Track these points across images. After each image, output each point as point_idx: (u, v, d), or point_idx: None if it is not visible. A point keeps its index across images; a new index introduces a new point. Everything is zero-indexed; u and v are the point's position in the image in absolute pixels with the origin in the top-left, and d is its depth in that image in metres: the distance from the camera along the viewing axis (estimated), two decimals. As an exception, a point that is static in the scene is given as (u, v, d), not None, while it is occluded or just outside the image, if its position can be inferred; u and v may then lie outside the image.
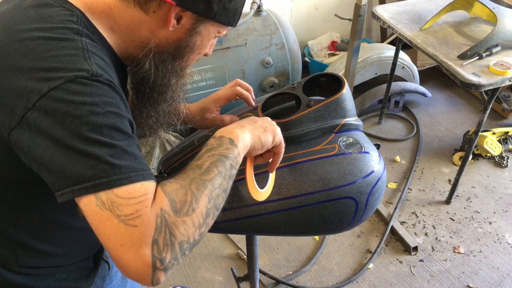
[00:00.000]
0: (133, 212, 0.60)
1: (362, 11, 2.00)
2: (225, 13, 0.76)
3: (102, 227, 0.60)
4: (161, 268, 0.61)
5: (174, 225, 0.62)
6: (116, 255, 0.60)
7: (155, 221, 0.61)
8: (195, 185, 0.66)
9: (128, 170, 0.62)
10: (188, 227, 0.63)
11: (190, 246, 0.64)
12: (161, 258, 0.60)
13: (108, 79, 0.65)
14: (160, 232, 0.61)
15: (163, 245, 0.61)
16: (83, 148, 0.60)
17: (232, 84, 1.04)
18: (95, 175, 0.60)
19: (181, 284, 1.88)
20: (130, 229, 0.59)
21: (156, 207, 0.62)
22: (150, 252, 0.60)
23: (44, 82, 0.61)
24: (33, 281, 0.83)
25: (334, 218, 0.92)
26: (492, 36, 1.82)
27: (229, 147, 0.73)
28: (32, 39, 0.65)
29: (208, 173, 0.68)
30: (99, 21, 0.73)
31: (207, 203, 0.66)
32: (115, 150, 0.62)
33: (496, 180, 2.36)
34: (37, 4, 0.70)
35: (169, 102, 0.86)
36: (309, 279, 1.90)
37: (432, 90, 2.94)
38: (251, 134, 0.77)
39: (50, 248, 0.83)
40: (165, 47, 0.78)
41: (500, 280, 1.87)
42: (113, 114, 0.63)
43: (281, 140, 0.83)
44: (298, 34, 2.61)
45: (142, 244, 0.59)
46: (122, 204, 0.60)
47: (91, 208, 0.60)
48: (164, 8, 0.72)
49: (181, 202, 0.63)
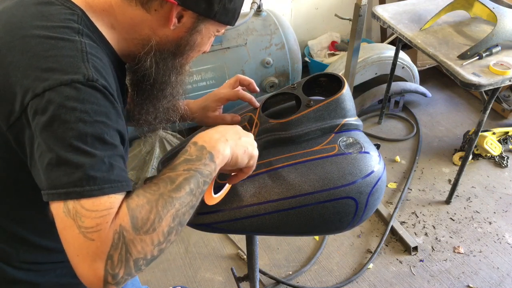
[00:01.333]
0: (93, 225, 0.61)
1: (362, 11, 2.00)
2: (225, 13, 0.77)
3: (64, 233, 0.62)
4: (113, 283, 0.62)
5: (131, 242, 0.62)
6: (72, 262, 0.62)
7: (112, 237, 0.62)
8: (162, 202, 0.65)
9: (102, 182, 0.62)
10: (146, 245, 0.64)
11: (147, 262, 0.65)
12: (113, 274, 0.62)
13: (103, 84, 0.66)
14: (116, 248, 0.62)
15: (117, 261, 0.62)
16: (64, 155, 0.61)
17: (233, 81, 1.04)
18: (69, 182, 0.61)
19: (181, 284, 1.88)
20: (87, 242, 0.61)
21: (116, 223, 0.63)
22: (103, 266, 0.61)
23: (40, 82, 0.62)
24: (34, 277, 0.84)
25: (334, 218, 0.92)
26: (492, 36, 1.82)
27: (207, 163, 0.71)
28: (33, 37, 0.65)
29: (179, 191, 0.67)
30: (100, 19, 0.74)
31: (171, 222, 0.66)
32: (95, 160, 0.62)
33: (496, 180, 2.35)
34: (39, 2, 0.70)
35: (168, 98, 0.87)
36: (309, 279, 1.90)
37: (432, 90, 2.94)
38: (231, 150, 0.76)
39: (51, 244, 0.83)
40: (165, 45, 0.78)
41: (500, 280, 1.87)
42: (100, 123, 0.64)
43: (254, 163, 0.82)
44: (298, 34, 2.61)
45: (96, 258, 0.61)
46: (85, 216, 0.61)
47: (58, 213, 0.62)
48: (165, 7, 0.73)
49: (142, 220, 0.64)
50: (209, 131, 0.76)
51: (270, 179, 0.92)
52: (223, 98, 1.03)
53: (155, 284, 1.88)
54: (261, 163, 0.92)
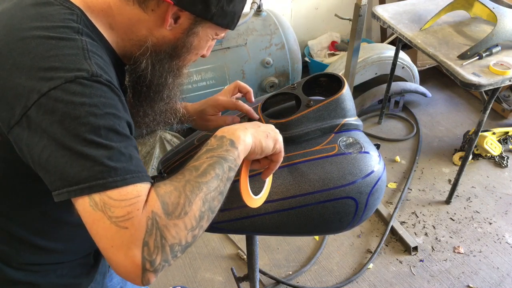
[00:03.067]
0: (124, 214, 0.61)
1: (362, 11, 2.00)
2: (223, 16, 0.76)
3: (94, 227, 0.61)
4: (151, 270, 0.62)
5: (165, 227, 0.62)
6: (107, 254, 0.61)
7: (146, 224, 0.61)
8: (190, 187, 0.66)
9: (123, 172, 0.62)
10: (180, 230, 0.63)
11: (182, 249, 0.65)
12: (151, 260, 0.61)
13: (108, 79, 0.66)
14: (151, 234, 0.61)
15: (153, 247, 0.61)
16: (81, 149, 0.61)
17: (232, 87, 1.03)
18: (91, 176, 0.60)
19: (181, 284, 1.88)
20: (121, 231, 0.60)
21: (148, 210, 0.62)
22: (140, 253, 0.60)
23: (44, 82, 0.62)
24: (35, 278, 0.84)
25: (334, 218, 0.92)
26: (492, 36, 1.82)
27: (229, 149, 0.72)
28: (33, 38, 0.65)
29: (205, 176, 0.68)
30: (99, 19, 0.74)
31: (201, 206, 0.66)
32: (112, 152, 0.62)
33: (496, 180, 2.35)
34: (37, 3, 0.70)
35: (165, 101, 0.86)
36: (309, 279, 1.90)
37: (432, 90, 2.94)
38: (252, 137, 0.77)
39: (51, 245, 0.83)
40: (162, 46, 0.78)
41: (500, 280, 1.87)
42: (111, 115, 0.64)
43: (282, 148, 0.82)
44: (298, 34, 2.61)
45: (132, 246, 0.60)
46: (114, 206, 0.61)
47: (85, 208, 0.61)
48: (162, 7, 0.73)
49: (173, 204, 0.64)
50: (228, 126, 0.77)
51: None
52: (221, 105, 1.02)
53: (155, 284, 1.88)
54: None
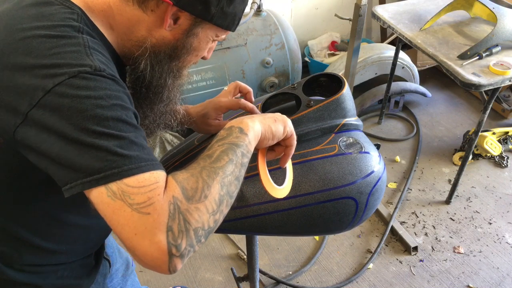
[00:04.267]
0: (145, 200, 0.60)
1: (362, 11, 2.00)
2: (223, 17, 0.76)
3: (115, 217, 0.60)
4: (177, 255, 0.60)
5: (187, 211, 0.62)
6: (131, 244, 0.60)
7: (168, 208, 0.61)
8: (206, 172, 0.66)
9: (137, 160, 0.62)
10: (202, 214, 0.63)
11: (205, 233, 0.64)
12: (176, 245, 0.60)
13: (111, 73, 0.66)
14: (174, 218, 0.60)
15: (178, 232, 0.60)
16: (91, 141, 0.60)
17: (232, 88, 1.03)
18: (105, 166, 0.60)
19: (181, 284, 1.88)
20: (144, 217, 0.59)
21: (168, 195, 0.62)
22: (165, 238, 0.59)
23: (48, 79, 0.62)
24: (36, 279, 0.83)
25: (334, 218, 0.92)
26: (492, 36, 1.82)
27: (239, 136, 0.72)
28: (34, 37, 0.65)
29: (219, 161, 0.68)
30: (99, 19, 0.74)
31: (220, 190, 0.66)
32: (123, 141, 0.62)
33: (496, 180, 2.36)
34: (38, 3, 0.70)
35: (165, 102, 0.86)
36: (309, 279, 1.90)
37: (432, 90, 2.94)
38: (261, 123, 0.77)
39: (53, 246, 0.83)
40: (161, 47, 0.78)
41: (500, 280, 1.87)
42: (118, 106, 0.64)
43: (293, 131, 0.82)
44: (298, 34, 2.61)
45: (156, 232, 0.59)
46: (134, 193, 0.60)
47: (103, 199, 0.60)
48: (161, 7, 0.73)
49: (192, 189, 0.63)
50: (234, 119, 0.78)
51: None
52: (223, 106, 1.02)
53: (155, 284, 1.88)
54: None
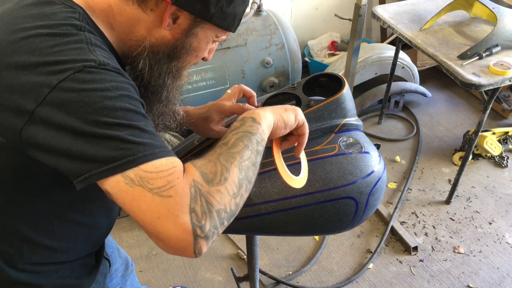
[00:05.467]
0: (165, 184, 0.60)
1: (362, 11, 2.00)
2: (223, 17, 0.76)
3: (135, 204, 0.60)
4: (202, 236, 0.60)
5: (209, 194, 0.62)
6: (154, 228, 0.59)
7: (189, 191, 0.60)
8: (224, 157, 0.66)
9: (151, 147, 0.62)
10: (223, 196, 0.63)
11: (228, 216, 0.64)
12: (201, 226, 0.60)
13: (115, 66, 0.66)
14: (196, 201, 0.60)
15: (201, 213, 0.60)
16: (103, 133, 0.60)
17: (237, 91, 1.02)
18: (119, 155, 0.60)
19: (181, 284, 1.88)
20: (165, 200, 0.59)
21: (188, 178, 0.62)
22: (189, 220, 0.59)
23: (53, 75, 0.62)
24: (37, 279, 0.83)
25: (334, 218, 0.92)
26: (492, 36, 1.82)
27: (252, 125, 0.73)
28: (36, 36, 0.65)
29: (235, 147, 0.69)
30: (100, 19, 0.74)
31: (238, 173, 0.66)
32: (135, 130, 0.62)
33: (496, 180, 2.36)
34: (39, 2, 0.70)
35: (164, 103, 0.85)
36: (309, 279, 1.90)
37: (432, 90, 2.94)
38: (272, 113, 0.78)
39: (54, 244, 0.83)
40: (160, 46, 0.78)
41: (500, 280, 1.87)
42: (125, 97, 0.64)
43: (304, 119, 0.82)
44: (298, 34, 2.60)
45: (179, 213, 0.59)
46: (152, 178, 0.60)
47: (121, 188, 0.60)
48: (161, 7, 0.73)
49: (212, 173, 0.64)
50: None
51: (270, 179, 0.92)
52: (227, 111, 1.01)
53: (155, 284, 1.88)
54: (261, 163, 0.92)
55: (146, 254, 2.00)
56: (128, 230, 2.10)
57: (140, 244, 2.04)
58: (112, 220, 0.95)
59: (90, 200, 0.84)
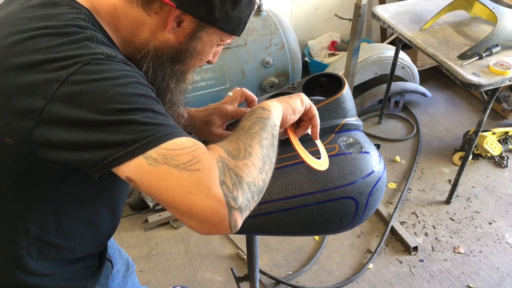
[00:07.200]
0: (191, 159, 0.59)
1: (362, 11, 2.00)
2: (228, 21, 0.76)
3: (162, 183, 0.58)
4: (236, 208, 0.59)
5: (236, 167, 0.61)
6: (186, 204, 0.58)
7: (217, 164, 0.60)
8: (244, 137, 0.68)
9: (170, 127, 0.62)
10: (251, 169, 0.63)
11: (257, 191, 0.64)
12: (234, 197, 0.59)
13: (123, 58, 0.67)
14: (225, 174, 0.60)
15: (232, 185, 0.59)
16: (119, 119, 0.60)
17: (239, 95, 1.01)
18: (138, 137, 0.59)
19: (181, 284, 1.88)
20: (194, 174, 0.58)
21: (214, 154, 0.62)
22: (221, 191, 0.58)
23: (62, 70, 0.62)
24: (42, 281, 0.83)
25: (334, 218, 0.92)
26: (492, 36, 1.82)
27: (263, 112, 0.75)
28: (43, 36, 0.66)
29: (252, 129, 0.70)
30: (105, 20, 0.74)
31: (261, 150, 0.67)
32: (150, 113, 0.62)
33: (496, 180, 2.36)
34: (45, 3, 0.71)
35: (167, 105, 0.85)
36: (309, 279, 1.90)
37: (432, 90, 2.94)
38: (279, 102, 0.80)
39: (61, 242, 0.83)
40: (164, 50, 0.78)
41: (500, 280, 1.87)
42: (136, 83, 0.64)
43: (310, 102, 0.84)
44: (298, 34, 2.61)
45: (211, 185, 0.58)
46: (177, 155, 0.59)
47: (144, 170, 0.59)
48: (165, 10, 0.73)
49: (235, 150, 0.64)
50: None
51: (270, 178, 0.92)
52: (229, 115, 1.00)
53: (155, 284, 1.88)
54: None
55: (146, 254, 2.00)
56: (128, 230, 2.10)
57: (140, 244, 2.04)
58: (116, 220, 0.95)
59: (97, 196, 0.84)
